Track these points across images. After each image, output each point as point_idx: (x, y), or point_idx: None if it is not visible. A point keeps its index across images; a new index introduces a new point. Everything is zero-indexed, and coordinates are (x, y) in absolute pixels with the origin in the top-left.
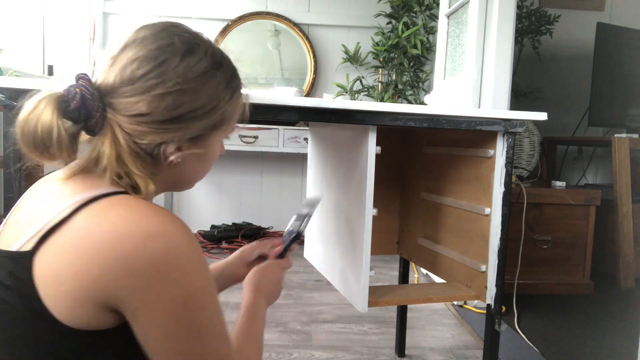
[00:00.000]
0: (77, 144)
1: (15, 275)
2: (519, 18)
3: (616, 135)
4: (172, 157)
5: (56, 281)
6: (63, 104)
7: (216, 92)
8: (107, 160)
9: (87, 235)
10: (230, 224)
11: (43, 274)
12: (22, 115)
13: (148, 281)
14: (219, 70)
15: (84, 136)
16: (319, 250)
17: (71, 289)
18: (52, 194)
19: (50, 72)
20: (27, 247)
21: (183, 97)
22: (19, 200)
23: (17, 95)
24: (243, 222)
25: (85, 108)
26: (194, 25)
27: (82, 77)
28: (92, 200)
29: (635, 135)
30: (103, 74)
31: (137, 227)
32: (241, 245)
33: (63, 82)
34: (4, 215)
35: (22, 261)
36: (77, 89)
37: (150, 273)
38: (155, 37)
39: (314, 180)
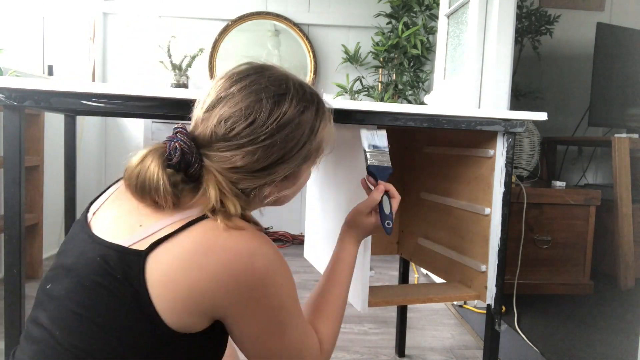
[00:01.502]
0: (179, 190)
1: (127, 270)
2: (519, 18)
3: (616, 135)
4: (267, 198)
5: (170, 287)
6: (166, 159)
7: (304, 133)
8: (214, 199)
9: (204, 250)
10: None
11: (156, 276)
12: (131, 166)
13: (252, 293)
14: (304, 114)
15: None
16: (319, 250)
17: (184, 296)
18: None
19: (50, 72)
20: (141, 247)
21: (272, 149)
22: (111, 190)
23: (18, 95)
24: None
25: (185, 161)
26: (194, 25)
27: (180, 131)
28: (198, 219)
29: (635, 135)
30: (198, 127)
31: (245, 247)
32: None
33: (164, 138)
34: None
35: (136, 259)
36: (177, 144)
37: (255, 286)
38: (245, 93)
39: (314, 180)
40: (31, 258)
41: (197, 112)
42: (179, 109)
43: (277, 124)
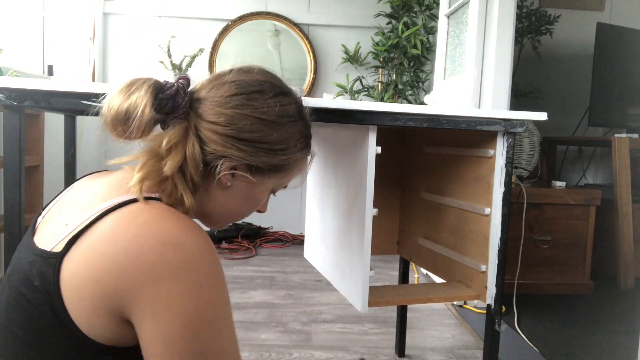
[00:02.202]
0: (150, 130)
1: (44, 276)
2: (519, 18)
3: (616, 135)
4: (224, 174)
5: (79, 286)
6: (157, 89)
7: (290, 138)
8: (163, 152)
9: (112, 239)
10: (230, 224)
11: (68, 277)
12: (115, 88)
13: (159, 288)
14: (301, 122)
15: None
16: (319, 250)
17: (91, 294)
18: (92, 193)
19: (50, 72)
20: (58, 248)
21: (261, 126)
22: (59, 196)
23: (18, 95)
24: (243, 222)
25: (174, 101)
26: (194, 25)
27: (184, 78)
28: (124, 204)
29: (635, 135)
30: (201, 85)
31: (159, 234)
32: (241, 245)
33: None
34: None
35: (52, 262)
36: (175, 83)
37: (162, 281)
38: (260, 73)
39: (314, 181)
40: None
41: (203, 80)
42: None
43: (279, 106)
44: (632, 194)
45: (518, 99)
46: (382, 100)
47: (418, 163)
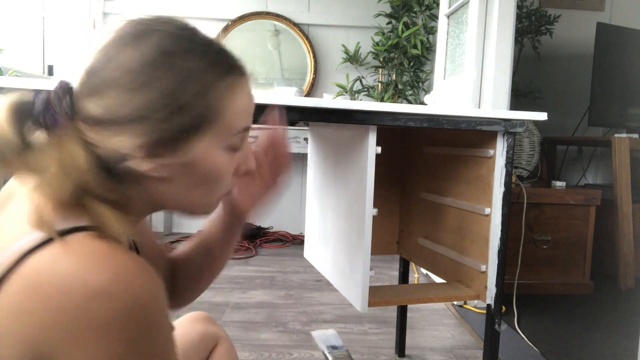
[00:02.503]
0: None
1: None
2: (519, 18)
3: (616, 135)
4: (144, 168)
5: (5, 342)
6: (21, 109)
7: (182, 81)
8: (73, 175)
9: (36, 290)
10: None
11: None
12: None
13: (84, 349)
14: (191, 54)
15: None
16: (319, 250)
17: (15, 351)
18: (11, 222)
19: (50, 72)
20: None
21: (134, 93)
22: None
23: None
24: None
25: (51, 115)
26: (194, 25)
27: (60, 82)
28: (48, 241)
29: (635, 135)
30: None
31: (82, 283)
32: (241, 245)
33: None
34: None
35: None
36: (46, 93)
37: (87, 339)
38: (113, 32)
39: (314, 181)
40: None
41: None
42: None
43: (140, 59)
44: (632, 194)
45: (518, 99)
46: (382, 100)
47: (418, 163)
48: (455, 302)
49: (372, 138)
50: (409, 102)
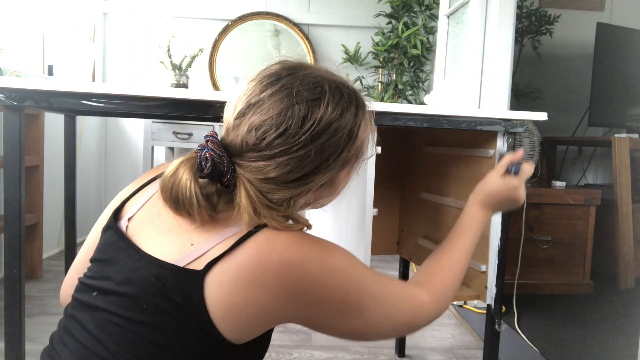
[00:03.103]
0: (215, 201)
1: (186, 292)
2: (519, 18)
3: (616, 135)
4: (304, 206)
5: (232, 308)
6: (197, 169)
7: (340, 141)
8: (245, 211)
9: (260, 269)
10: None
11: (216, 298)
12: (165, 179)
13: (314, 297)
14: (342, 119)
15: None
16: None
17: (248, 315)
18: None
19: (50, 72)
20: (195, 267)
21: (307, 159)
22: (145, 195)
23: (18, 95)
24: None
25: (217, 170)
26: (194, 25)
27: (211, 140)
28: (249, 234)
29: (635, 135)
30: (229, 134)
31: (297, 257)
32: None
33: (196, 145)
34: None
35: (194, 280)
36: (207, 154)
37: (314, 290)
38: (277, 98)
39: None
40: (31, 258)
41: (228, 118)
42: (179, 109)
43: (311, 133)
44: (632, 194)
45: (518, 99)
46: (382, 100)
47: (418, 163)
48: (455, 302)
49: (372, 138)
50: (409, 102)
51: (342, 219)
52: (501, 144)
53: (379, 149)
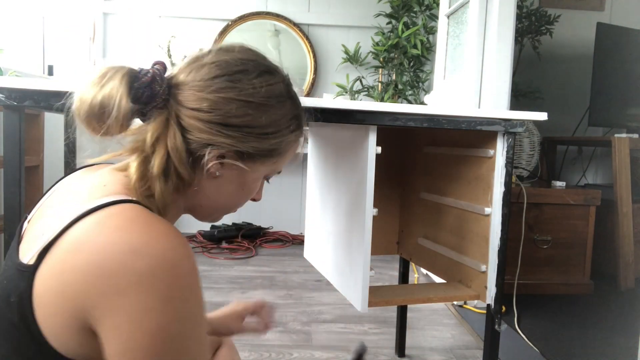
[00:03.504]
0: (129, 123)
1: (18, 291)
2: (519, 18)
3: (616, 135)
4: (212, 164)
5: (49, 301)
6: (132, 78)
7: (281, 120)
8: (148, 149)
9: (79, 249)
10: (230, 224)
11: (40, 292)
12: (87, 79)
13: (123, 301)
14: (290, 101)
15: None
16: (319, 250)
17: (61, 309)
18: (70, 197)
19: (50, 72)
20: (32, 261)
21: (248, 109)
22: (44, 197)
23: (18, 95)
24: (243, 222)
25: (151, 89)
26: (194, 25)
27: (158, 63)
28: (92, 210)
29: (635, 135)
30: (179, 68)
31: (125, 241)
32: (241, 245)
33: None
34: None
35: (25, 275)
36: (150, 70)
37: (126, 292)
38: (242, 51)
39: (314, 181)
40: None
41: (181, 63)
42: None
43: (265, 87)
44: (632, 194)
45: (518, 99)
46: (382, 100)
47: (418, 163)
48: (455, 302)
49: (372, 138)
50: (409, 102)
51: (342, 219)
52: (501, 143)
53: (379, 149)
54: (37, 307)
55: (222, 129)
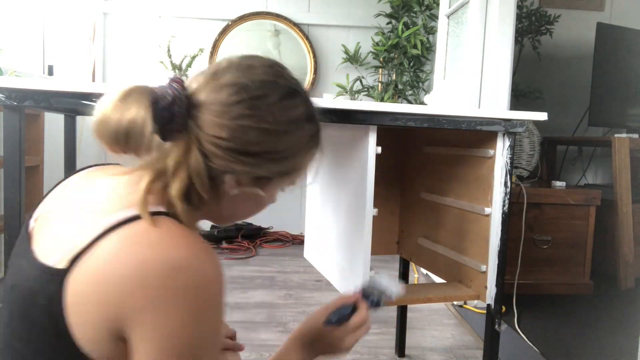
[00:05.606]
0: (152, 145)
1: (49, 294)
2: (519, 18)
3: (616, 135)
4: (231, 189)
5: (83, 307)
6: (154, 100)
7: (299, 142)
8: (169, 173)
9: (115, 260)
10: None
11: (72, 297)
12: (108, 99)
13: (159, 315)
14: (309, 123)
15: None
16: (319, 250)
17: (95, 316)
18: (93, 201)
19: (50, 72)
20: (61, 265)
21: (267, 137)
22: (53, 195)
23: (18, 95)
24: (243, 222)
25: (170, 111)
26: (194, 25)
27: (176, 81)
28: (128, 220)
29: (635, 135)
30: (198, 86)
31: (165, 258)
32: (241, 245)
33: (154, 81)
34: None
35: (57, 280)
36: (170, 90)
37: (163, 308)
38: (261, 70)
39: (314, 181)
40: None
41: (200, 74)
42: None
43: (285, 113)
44: (632, 194)
45: (518, 99)
46: (382, 100)
47: (418, 163)
48: (455, 302)
49: (372, 138)
50: (409, 102)
51: (342, 219)
52: (501, 143)
53: (379, 149)
54: (69, 312)
55: (240, 156)
